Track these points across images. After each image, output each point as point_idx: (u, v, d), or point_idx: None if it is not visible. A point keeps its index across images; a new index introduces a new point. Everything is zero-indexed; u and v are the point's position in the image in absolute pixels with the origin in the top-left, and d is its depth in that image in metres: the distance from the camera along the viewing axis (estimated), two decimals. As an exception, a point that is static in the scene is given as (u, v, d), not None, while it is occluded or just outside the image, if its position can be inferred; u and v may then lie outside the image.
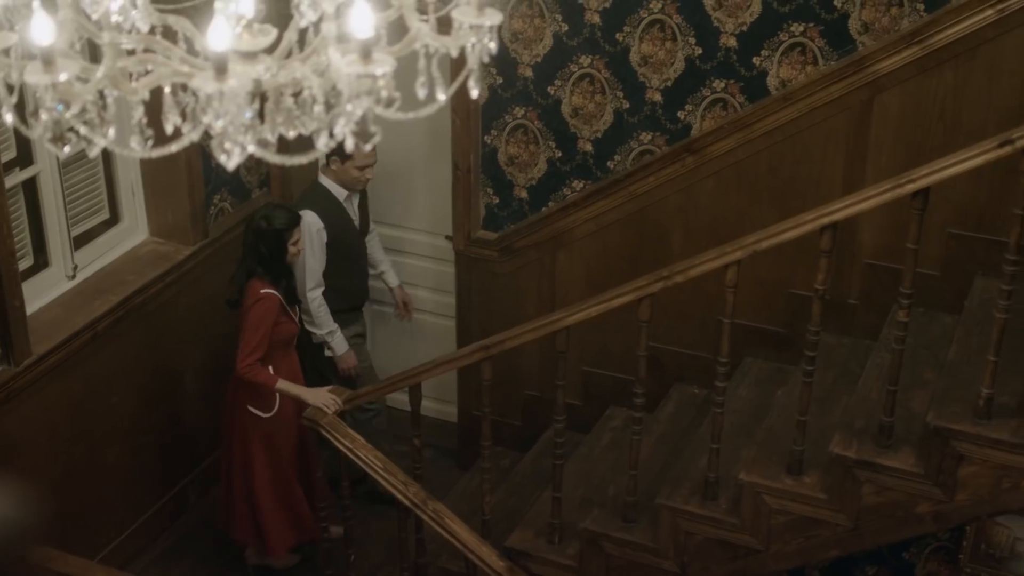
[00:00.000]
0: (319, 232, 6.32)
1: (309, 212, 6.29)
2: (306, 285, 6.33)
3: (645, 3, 5.85)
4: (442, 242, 6.96)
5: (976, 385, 4.51)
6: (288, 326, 6.00)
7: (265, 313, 5.83)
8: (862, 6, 5.47)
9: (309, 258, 6.28)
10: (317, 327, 6.46)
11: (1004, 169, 4.44)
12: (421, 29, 2.62)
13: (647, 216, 6.20)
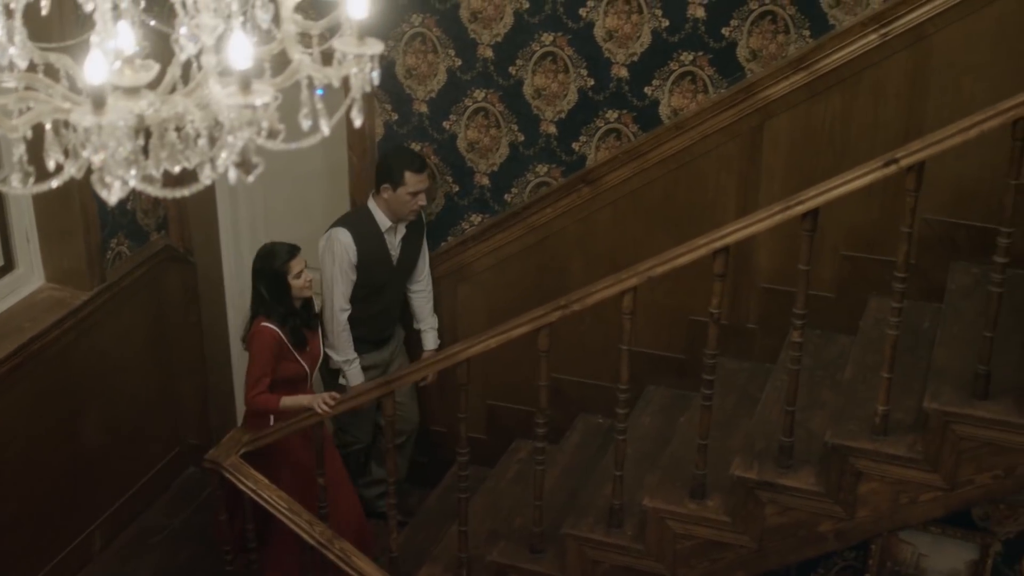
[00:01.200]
0: (349, 252, 6.09)
1: (341, 230, 6.11)
2: (332, 306, 6.14)
3: (537, 36, 5.89)
4: (345, 280, 6.92)
5: (872, 403, 4.57)
6: (292, 366, 5.77)
7: (262, 346, 5.66)
8: (749, 34, 5.56)
9: (336, 277, 6.10)
10: (335, 351, 6.21)
11: (893, 189, 4.52)
12: (303, 60, 2.62)
13: (546, 247, 6.23)
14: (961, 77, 5.26)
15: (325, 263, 6.14)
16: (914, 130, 4.95)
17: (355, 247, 6.08)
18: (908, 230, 4.29)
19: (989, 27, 5.18)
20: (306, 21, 2.67)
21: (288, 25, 2.62)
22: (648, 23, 5.69)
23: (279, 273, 5.68)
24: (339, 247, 6.07)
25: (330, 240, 6.11)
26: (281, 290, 5.70)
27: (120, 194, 2.38)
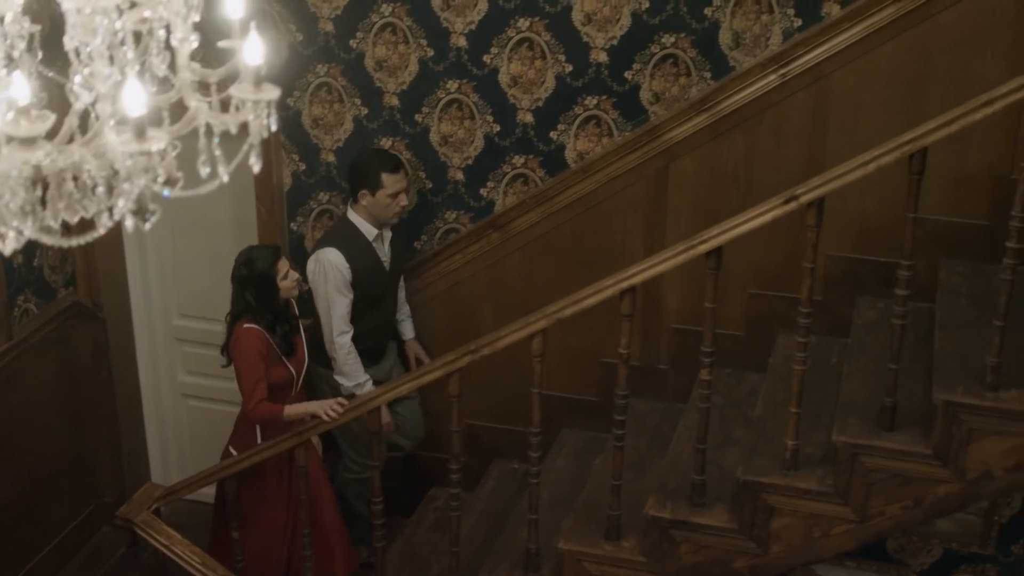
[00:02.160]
0: (342, 271, 5.82)
1: (332, 250, 5.84)
2: (332, 331, 5.87)
3: (442, 84, 5.93)
4: (253, 332, 6.86)
5: (782, 438, 4.61)
6: (279, 371, 5.58)
7: (249, 348, 5.47)
8: (652, 77, 5.62)
9: (333, 300, 5.84)
10: (345, 377, 5.93)
11: (797, 226, 4.57)
12: (200, 108, 2.61)
13: (457, 294, 6.24)
14: (859, 115, 5.36)
15: (318, 288, 5.89)
16: (815, 167, 5.02)
17: (347, 264, 5.83)
18: (811, 266, 4.34)
19: (883, 66, 5.30)
20: (204, 69, 2.67)
21: (184, 73, 2.61)
22: (552, 68, 5.75)
23: (267, 276, 5.52)
24: (331, 268, 5.82)
25: (319, 263, 5.85)
26: (270, 294, 5.53)
27: (15, 245, 2.36)
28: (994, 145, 5.22)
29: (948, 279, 5.24)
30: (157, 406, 7.39)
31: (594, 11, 5.61)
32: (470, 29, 5.81)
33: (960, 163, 5.34)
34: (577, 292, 4.64)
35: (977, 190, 5.34)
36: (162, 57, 2.60)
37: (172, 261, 7.04)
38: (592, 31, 5.64)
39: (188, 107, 2.62)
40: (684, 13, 5.50)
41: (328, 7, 5.98)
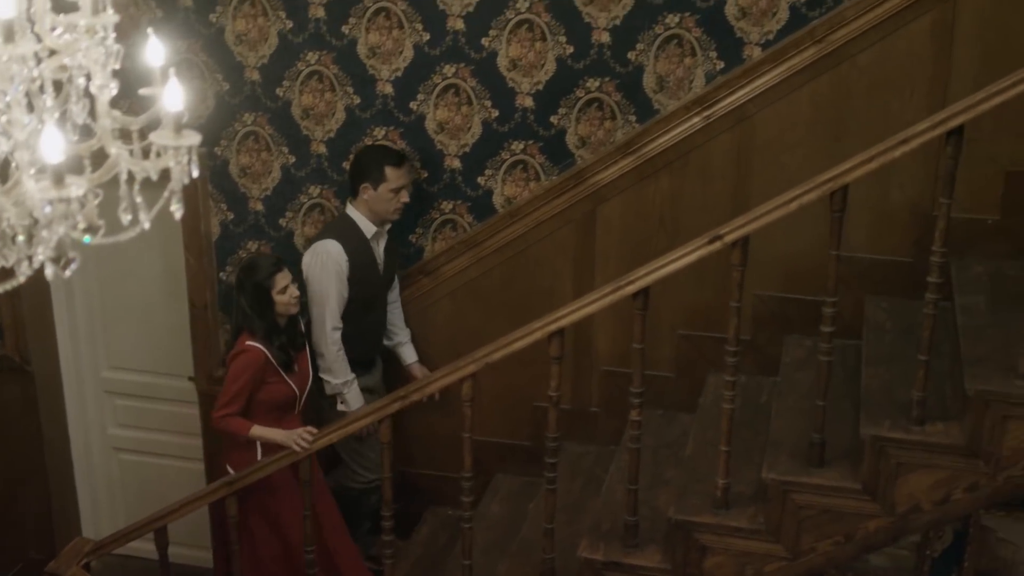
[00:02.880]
0: (341, 264, 5.68)
1: (331, 242, 5.71)
2: (325, 323, 5.71)
3: (369, 131, 5.94)
4: (185, 383, 6.81)
5: (714, 477, 4.62)
6: (279, 387, 5.47)
7: (244, 367, 5.38)
8: (577, 121, 5.67)
9: (328, 293, 5.68)
10: (332, 374, 5.77)
11: (724, 267, 4.60)
12: (120, 154, 2.61)
13: (388, 340, 6.23)
14: (782, 155, 5.42)
15: (314, 279, 5.73)
16: (741, 207, 5.06)
17: (346, 257, 5.70)
18: (737, 304, 4.37)
19: (804, 107, 5.37)
20: (125, 117, 2.67)
21: (104, 120, 2.61)
22: (478, 114, 5.78)
23: (261, 287, 5.42)
24: (330, 260, 5.68)
25: (318, 253, 5.71)
26: (264, 305, 5.42)
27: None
28: (915, 183, 5.31)
29: (874, 315, 5.31)
30: (87, 460, 7.31)
31: (519, 57, 5.65)
32: (396, 76, 5.83)
33: (883, 201, 5.41)
34: (505, 336, 4.64)
35: (900, 227, 5.41)
36: (82, 105, 2.60)
37: (101, 313, 6.98)
38: (517, 77, 5.68)
39: (109, 154, 2.61)
40: (608, 58, 5.55)
41: (254, 56, 5.98)
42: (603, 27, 5.54)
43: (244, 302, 5.45)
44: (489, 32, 5.68)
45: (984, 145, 5.20)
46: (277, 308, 5.43)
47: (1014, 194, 5.20)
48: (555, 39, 5.60)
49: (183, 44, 6.02)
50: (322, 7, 5.84)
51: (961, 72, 5.15)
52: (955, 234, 5.01)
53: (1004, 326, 4.57)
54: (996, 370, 4.29)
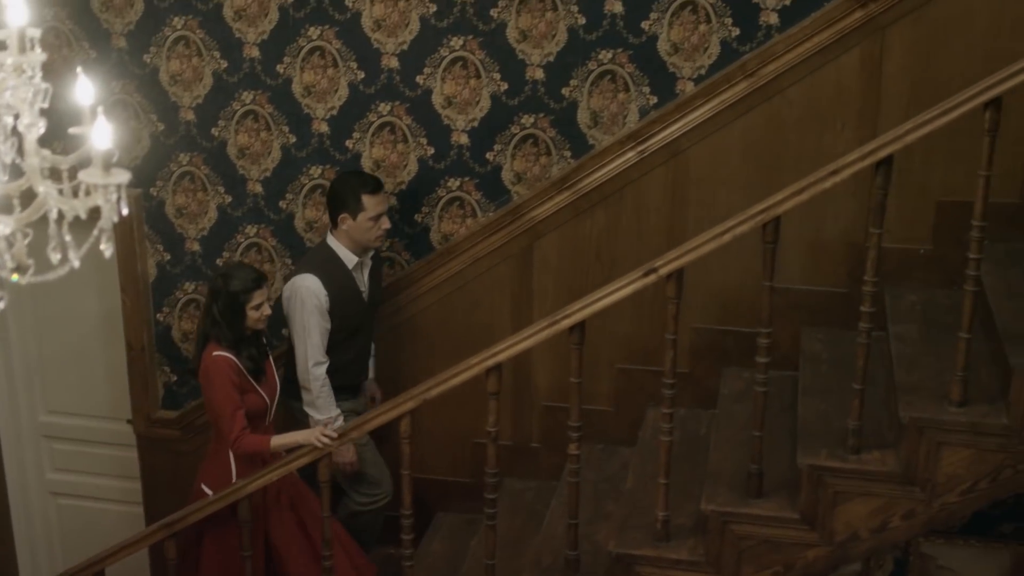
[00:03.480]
0: (320, 298, 5.54)
1: (310, 276, 5.55)
2: (308, 360, 5.56)
3: (305, 170, 5.95)
4: (123, 426, 6.75)
5: (653, 510, 4.63)
6: (253, 398, 5.29)
7: (221, 377, 5.19)
8: (513, 158, 5.69)
9: (309, 328, 5.53)
10: (316, 410, 5.61)
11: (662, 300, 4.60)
12: (49, 193, 2.60)
13: (326, 380, 6.20)
14: (716, 188, 5.47)
15: (294, 315, 5.59)
16: (677, 241, 5.06)
17: (325, 292, 5.55)
18: (672, 337, 4.38)
19: (737, 141, 5.43)
20: (55, 156, 2.66)
21: (32, 159, 2.60)
22: (414, 151, 5.79)
23: (237, 299, 5.24)
24: (308, 295, 5.53)
25: (296, 289, 5.56)
26: (235, 316, 5.25)
27: None
28: (848, 214, 5.36)
29: (810, 346, 5.35)
30: (25, 505, 7.22)
31: (454, 94, 5.67)
32: (332, 115, 5.85)
33: (817, 233, 5.47)
34: (443, 372, 4.64)
35: (835, 259, 5.47)
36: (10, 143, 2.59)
37: (38, 356, 6.92)
38: (452, 113, 5.70)
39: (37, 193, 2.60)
40: (542, 94, 5.59)
41: (189, 96, 5.97)
42: (537, 64, 5.58)
43: (216, 310, 5.28)
44: (424, 70, 5.70)
45: (915, 175, 5.28)
46: (247, 322, 5.27)
47: (945, 223, 5.26)
48: (489, 76, 5.63)
49: (117, 84, 6.01)
50: (256, 47, 5.84)
51: (891, 104, 5.22)
52: (888, 264, 5.11)
53: (937, 354, 4.61)
54: (930, 398, 4.33)
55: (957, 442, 4.20)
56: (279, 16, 5.80)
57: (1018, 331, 4.38)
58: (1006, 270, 4.94)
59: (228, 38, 5.88)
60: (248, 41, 5.86)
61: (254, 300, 5.26)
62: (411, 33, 5.68)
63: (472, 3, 5.57)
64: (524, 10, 5.53)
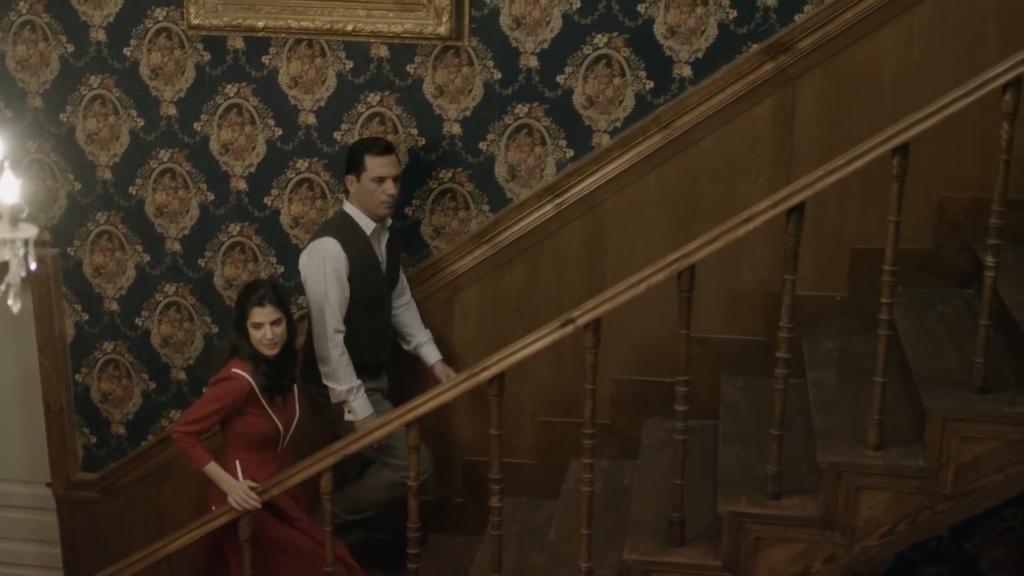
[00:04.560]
0: (339, 262, 5.31)
1: (328, 239, 5.33)
2: (326, 326, 5.32)
3: (224, 227, 5.93)
4: (42, 490, 6.65)
5: (576, 561, 4.62)
6: (259, 421, 5.04)
7: (223, 394, 4.97)
8: (431, 212, 5.70)
9: (327, 293, 5.29)
10: (335, 381, 5.36)
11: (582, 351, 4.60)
12: (-47, 249, 2.57)
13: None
14: (634, 239, 5.51)
15: (311, 279, 5.36)
16: (596, 291, 5.06)
17: (345, 256, 5.33)
18: (591, 387, 4.38)
19: (654, 192, 5.48)
20: (-39, 213, 2.64)
21: (-64, 215, 2.58)
22: (333, 208, 5.80)
23: (240, 312, 5.05)
24: (328, 258, 5.30)
25: (315, 252, 5.35)
26: (240, 331, 5.04)
27: None
28: (764, 263, 5.41)
29: (730, 395, 5.38)
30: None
31: (373, 150, 5.70)
32: (249, 172, 5.87)
33: (734, 282, 5.52)
34: (363, 425, 4.63)
35: (752, 307, 5.51)
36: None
37: (-46, 419, 6.82)
38: (371, 169, 5.72)
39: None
40: (460, 148, 5.61)
41: (106, 155, 5.95)
42: (454, 118, 5.61)
43: (231, 321, 5.15)
44: (341, 126, 5.72)
45: (830, 223, 5.36)
46: (251, 340, 5.03)
47: (860, 270, 5.33)
48: (407, 131, 5.65)
49: (33, 144, 5.98)
50: (173, 105, 5.85)
51: (803, 153, 5.30)
52: (805, 311, 5.17)
53: (854, 399, 4.66)
54: (847, 442, 4.36)
55: (875, 485, 4.24)
56: (196, 74, 5.80)
57: (932, 374, 4.43)
58: (921, 314, 5.01)
59: (145, 96, 5.87)
60: (165, 99, 5.85)
61: (252, 317, 5.01)
62: (328, 89, 5.70)
63: (388, 60, 5.60)
64: (440, 66, 5.56)
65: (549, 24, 5.46)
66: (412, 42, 5.58)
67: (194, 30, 5.73)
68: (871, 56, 5.21)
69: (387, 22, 5.55)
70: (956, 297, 5.19)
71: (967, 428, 4.15)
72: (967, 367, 4.28)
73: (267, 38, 5.70)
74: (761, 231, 4.28)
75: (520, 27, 5.48)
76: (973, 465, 4.19)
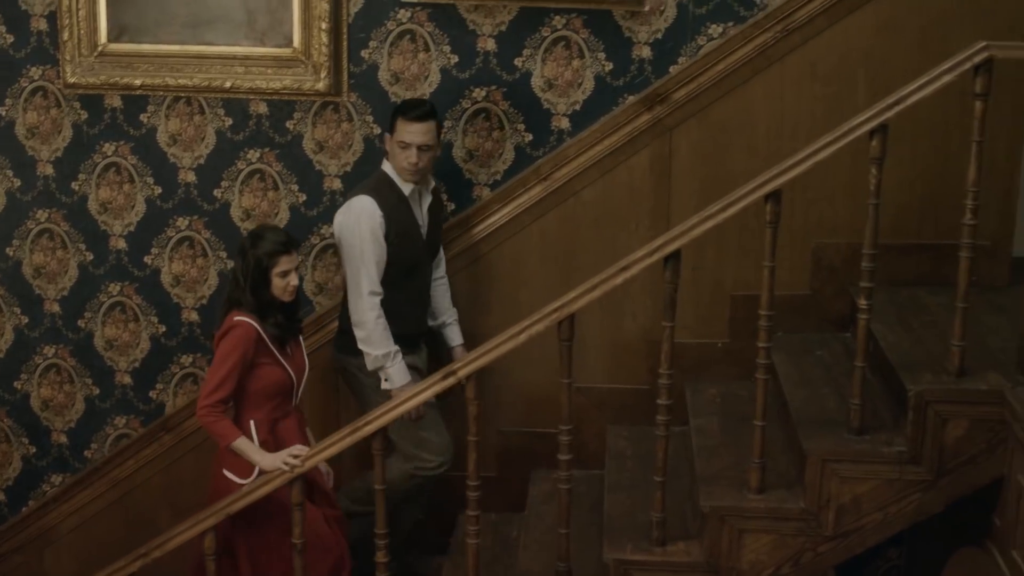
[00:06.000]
0: (375, 221, 5.09)
1: (364, 197, 5.11)
2: (362, 288, 5.10)
3: (104, 287, 5.86)
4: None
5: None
6: (273, 371, 4.81)
7: (235, 344, 4.71)
8: (314, 268, 5.70)
9: (364, 253, 5.07)
10: (372, 345, 5.13)
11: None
12: None
13: (132, 500, 6.06)
14: (517, 290, 5.55)
15: (347, 238, 5.13)
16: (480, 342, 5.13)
17: (381, 214, 5.11)
18: (475, 439, 4.39)
19: (536, 242, 5.53)
20: None
21: None
22: (214, 265, 5.77)
23: (261, 262, 4.77)
24: (365, 216, 5.09)
25: (350, 211, 5.13)
26: (259, 282, 4.78)
27: None
28: (646, 312, 5.47)
29: (615, 444, 5.42)
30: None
31: (253, 206, 5.70)
32: (129, 231, 5.82)
33: (617, 332, 5.56)
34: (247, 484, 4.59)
35: (636, 356, 5.56)
36: None
37: None
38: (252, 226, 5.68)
39: None
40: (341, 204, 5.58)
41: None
42: (334, 174, 5.63)
43: (239, 273, 4.83)
44: (221, 183, 5.69)
45: (710, 271, 5.44)
46: (272, 290, 4.81)
47: (739, 317, 5.39)
48: (287, 188, 5.64)
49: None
50: (51, 164, 5.78)
51: (681, 202, 5.37)
52: (687, 358, 5.25)
53: (736, 444, 4.73)
54: (730, 486, 4.42)
55: (758, 528, 4.29)
56: (73, 133, 5.74)
57: (811, 416, 4.51)
58: (800, 358, 5.10)
59: (20, 156, 5.80)
60: (42, 158, 5.78)
61: (280, 265, 4.79)
62: (207, 147, 5.68)
63: (268, 116, 5.59)
64: (320, 121, 5.57)
65: (428, 79, 5.50)
66: (291, 98, 5.58)
67: (70, 88, 5.68)
68: (744, 106, 5.32)
69: (265, 79, 5.55)
70: (835, 341, 5.29)
71: (846, 469, 4.23)
72: (845, 409, 4.36)
73: (145, 96, 5.67)
74: (641, 280, 4.36)
75: (399, 82, 5.51)
76: (853, 505, 4.26)
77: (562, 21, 5.40)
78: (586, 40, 5.41)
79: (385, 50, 5.50)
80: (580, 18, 5.39)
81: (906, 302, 5.12)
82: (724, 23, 5.32)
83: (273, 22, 5.54)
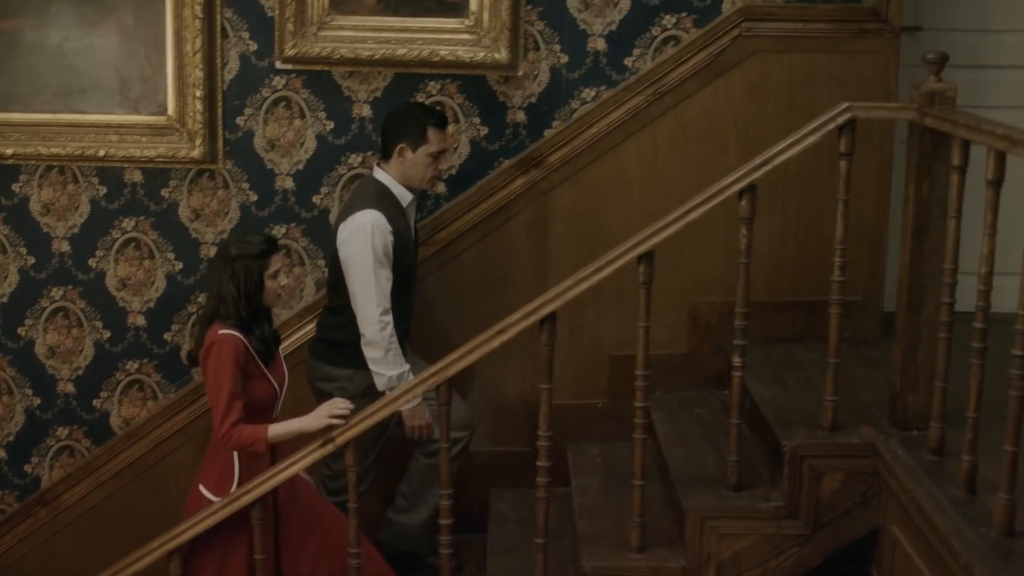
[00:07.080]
0: (387, 236, 4.90)
1: (373, 211, 4.88)
2: (375, 307, 4.89)
3: (-25, 360, 5.77)
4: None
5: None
6: (261, 384, 4.54)
7: (224, 357, 4.42)
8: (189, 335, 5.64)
9: (375, 270, 4.86)
10: (385, 366, 4.93)
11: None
12: None
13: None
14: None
15: (357, 255, 4.89)
16: (359, 411, 5.13)
17: (391, 230, 4.92)
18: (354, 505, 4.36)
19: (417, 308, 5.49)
20: None
21: None
22: (90, 336, 5.71)
23: (253, 266, 4.51)
24: (377, 233, 4.87)
25: (359, 225, 4.89)
26: (251, 288, 4.51)
27: None
28: (526, 375, 5.48)
29: (498, 507, 5.42)
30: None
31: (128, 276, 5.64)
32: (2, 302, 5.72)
33: (499, 395, 5.58)
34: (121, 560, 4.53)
35: (516, 418, 5.58)
36: None
37: None
38: (128, 295, 5.65)
39: None
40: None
41: None
42: (210, 242, 5.61)
43: (231, 281, 4.52)
44: (96, 252, 5.63)
45: (589, 332, 5.49)
46: (264, 296, 4.58)
47: (619, 377, 5.42)
48: (163, 256, 5.60)
49: None
50: (-82, 237, 5.69)
51: (559, 263, 5.41)
52: (569, 419, 5.28)
53: (617, 503, 4.75)
54: (612, 546, 4.44)
55: (639, 587, 4.31)
56: (-61, 204, 5.67)
57: (690, 474, 4.55)
58: (678, 417, 5.16)
59: None
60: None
61: (272, 266, 4.57)
62: (82, 216, 5.62)
63: (143, 184, 5.55)
64: (195, 189, 5.55)
65: (304, 145, 5.51)
66: (166, 166, 5.55)
67: (-61, 159, 5.61)
68: (619, 168, 5.40)
69: (140, 147, 5.52)
70: (713, 398, 5.35)
71: (725, 525, 4.28)
72: (723, 465, 4.40)
73: (16, 165, 5.60)
74: (520, 342, 4.36)
75: (275, 148, 5.51)
76: (733, 561, 4.30)
77: (437, 87, 5.45)
78: (461, 105, 5.46)
79: (261, 117, 5.51)
80: (455, 83, 5.45)
81: (781, 358, 5.20)
82: (597, 87, 5.40)
83: (147, 90, 5.52)
